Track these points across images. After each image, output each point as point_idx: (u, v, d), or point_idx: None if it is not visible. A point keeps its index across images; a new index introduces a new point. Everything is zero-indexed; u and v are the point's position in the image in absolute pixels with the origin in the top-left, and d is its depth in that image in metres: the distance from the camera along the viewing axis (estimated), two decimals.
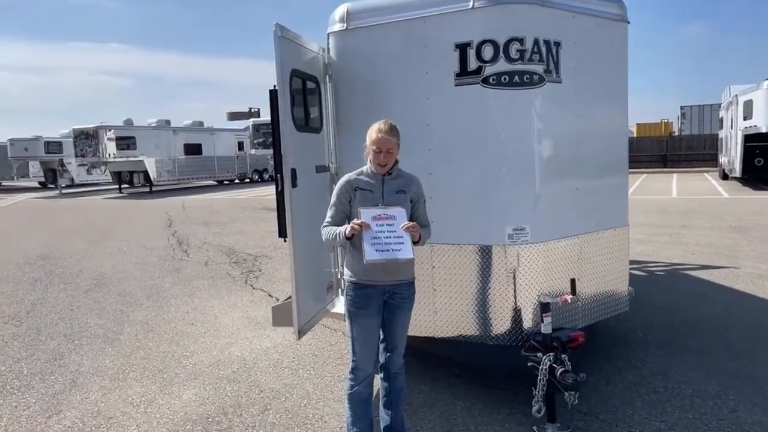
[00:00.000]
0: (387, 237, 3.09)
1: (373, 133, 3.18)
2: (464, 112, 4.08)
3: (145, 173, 28.11)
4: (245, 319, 6.45)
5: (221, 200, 23.04)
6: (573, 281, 3.69)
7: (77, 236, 13.77)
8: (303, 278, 4.09)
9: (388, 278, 3.22)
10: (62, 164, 32.38)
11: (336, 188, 3.30)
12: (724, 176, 23.51)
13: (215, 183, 33.32)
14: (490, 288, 4.12)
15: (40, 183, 36.53)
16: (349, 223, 3.24)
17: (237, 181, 34.07)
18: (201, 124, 32.13)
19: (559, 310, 4.09)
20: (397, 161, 3.28)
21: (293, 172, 3.93)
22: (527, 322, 4.10)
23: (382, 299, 3.26)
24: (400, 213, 3.16)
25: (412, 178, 3.35)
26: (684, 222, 12.41)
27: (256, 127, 29.97)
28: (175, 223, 15.72)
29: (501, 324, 4.13)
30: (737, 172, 19.96)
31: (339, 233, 3.14)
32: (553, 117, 4.14)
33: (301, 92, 4.40)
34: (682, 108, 40.35)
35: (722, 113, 24.52)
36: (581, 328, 4.37)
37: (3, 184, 38.73)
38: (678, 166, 32.05)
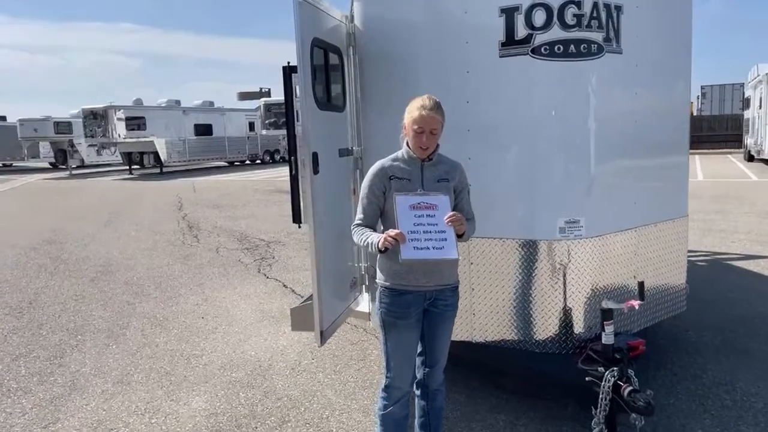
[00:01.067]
0: (427, 231, 2.61)
1: (414, 110, 2.69)
2: (510, 88, 3.56)
3: (155, 154, 27.71)
4: (259, 313, 6.02)
5: (232, 182, 22.63)
6: (641, 285, 3.20)
7: (85, 219, 13.41)
8: (325, 275, 3.62)
9: (430, 282, 2.74)
10: (72, 145, 32.08)
11: (367, 178, 2.81)
12: (750, 158, 22.73)
13: (226, 164, 32.88)
14: (536, 288, 3.63)
15: (50, 164, 36.27)
16: (383, 217, 2.78)
17: (248, 162, 33.61)
18: (211, 104, 31.62)
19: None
20: (437, 145, 2.79)
21: (315, 156, 3.44)
22: (578, 328, 3.62)
23: (422, 307, 2.79)
24: (443, 202, 2.68)
25: (455, 165, 2.86)
26: (716, 207, 11.81)
27: (268, 107, 29.40)
28: (185, 205, 15.33)
29: (547, 329, 3.65)
30: (766, 154, 19.21)
31: (371, 243, 2.66)
32: (611, 93, 3.62)
33: (323, 66, 3.89)
34: (702, 88, 39.24)
35: (749, 92, 23.62)
36: (636, 332, 3.90)
37: (14, 164, 38.56)
38: (699, 147, 31.11)
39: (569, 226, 3.51)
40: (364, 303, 4.31)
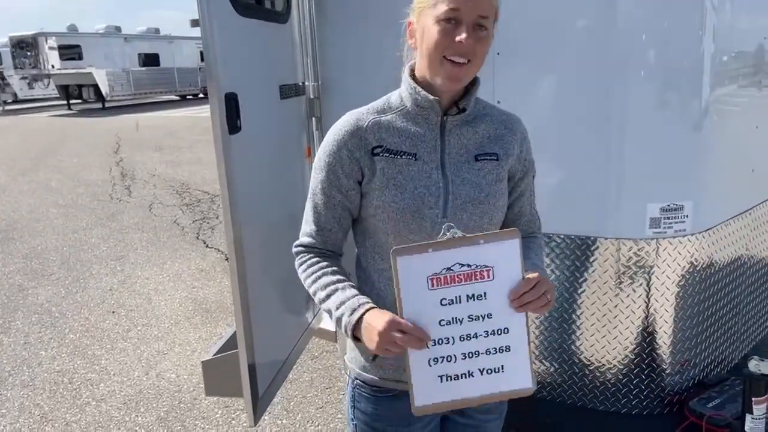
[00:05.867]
0: (468, 336, 1.13)
1: None
2: None
3: (96, 87, 25.03)
4: (190, 303, 4.58)
5: (181, 118, 20.51)
6: None
7: (1, 165, 11.50)
8: (261, 301, 2.19)
9: None
10: (3, 77, 28.94)
11: (322, 149, 1.31)
12: None
13: (177, 98, 30.30)
14: (600, 312, 2.28)
15: None
16: (358, 228, 1.35)
17: (201, 95, 30.99)
18: (157, 31, 28.72)
19: (697, 338, 2.31)
20: (477, 79, 1.30)
21: (231, 100, 1.91)
22: (668, 372, 2.30)
23: (435, 418, 1.39)
24: (503, 254, 1.14)
25: (511, 121, 1.39)
26: None
27: None
28: (123, 147, 13.44)
29: (615, 375, 2.33)
30: None
31: (338, 316, 1.22)
32: None
33: None
34: None
35: None
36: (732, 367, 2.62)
37: None
38: None
39: (667, 216, 2.12)
40: (329, 319, 2.91)
